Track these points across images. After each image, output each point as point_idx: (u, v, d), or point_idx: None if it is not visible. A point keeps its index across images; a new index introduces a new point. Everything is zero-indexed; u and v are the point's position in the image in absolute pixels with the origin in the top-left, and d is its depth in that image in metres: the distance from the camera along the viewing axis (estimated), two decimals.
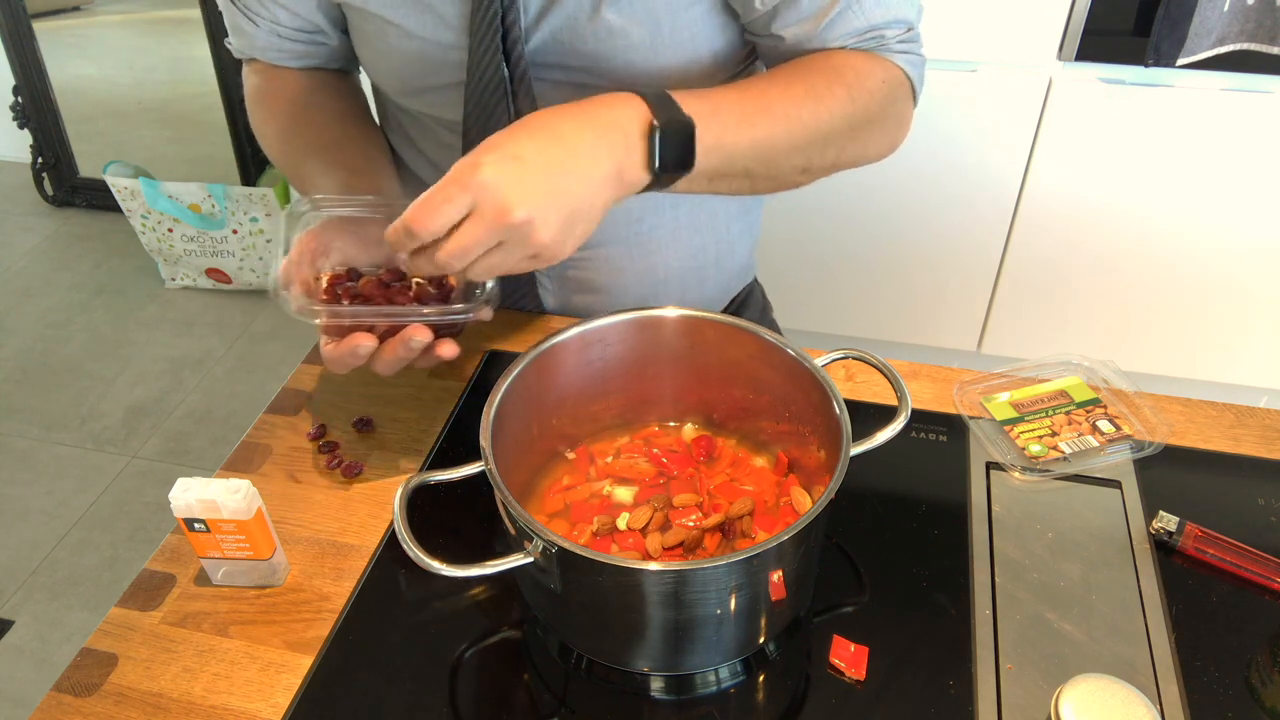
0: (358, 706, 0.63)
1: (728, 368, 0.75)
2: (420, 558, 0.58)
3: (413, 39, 0.82)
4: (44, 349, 2.33)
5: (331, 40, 0.91)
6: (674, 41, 0.80)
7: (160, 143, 2.83)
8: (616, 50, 0.80)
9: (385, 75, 0.88)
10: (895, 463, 0.78)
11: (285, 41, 0.90)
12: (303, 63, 0.93)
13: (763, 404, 0.75)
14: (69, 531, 1.86)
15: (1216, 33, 1.50)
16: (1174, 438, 0.80)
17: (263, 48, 0.91)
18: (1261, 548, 0.70)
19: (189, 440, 2.07)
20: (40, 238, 2.71)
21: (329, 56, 0.94)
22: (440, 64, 0.83)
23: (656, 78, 0.82)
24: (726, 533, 0.69)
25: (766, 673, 0.65)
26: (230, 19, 0.91)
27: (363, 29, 0.85)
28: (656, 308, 0.74)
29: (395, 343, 0.72)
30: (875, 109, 0.79)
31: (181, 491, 0.66)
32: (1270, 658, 0.64)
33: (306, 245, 0.76)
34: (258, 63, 0.94)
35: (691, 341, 0.75)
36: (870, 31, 0.79)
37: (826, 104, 0.75)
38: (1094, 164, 1.70)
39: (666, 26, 0.79)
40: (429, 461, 0.81)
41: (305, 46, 0.91)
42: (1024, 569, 0.70)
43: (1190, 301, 1.82)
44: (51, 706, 0.65)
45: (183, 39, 2.61)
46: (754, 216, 1.06)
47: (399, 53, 0.83)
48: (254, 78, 0.94)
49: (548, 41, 0.80)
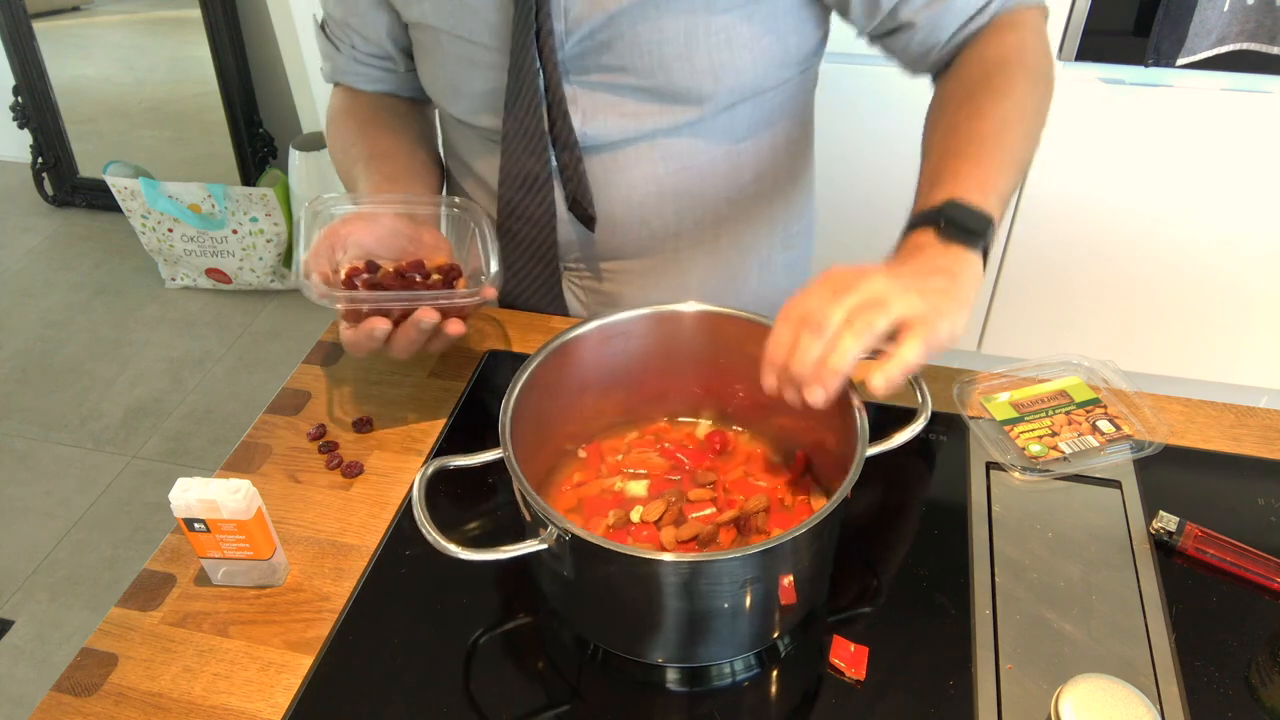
0: (358, 706, 0.64)
1: (744, 363, 0.74)
2: (439, 541, 0.59)
3: (461, 43, 0.88)
4: (44, 349, 2.33)
5: (399, 67, 1.00)
6: (709, 43, 0.83)
7: (160, 143, 2.83)
8: (652, 52, 0.83)
9: (440, 85, 0.94)
10: (896, 462, 0.78)
11: (361, 66, 1.00)
12: (377, 87, 1.02)
13: (779, 400, 0.74)
14: (69, 531, 1.86)
15: (1216, 33, 1.50)
16: (1174, 438, 0.80)
17: (344, 71, 1.01)
18: (1261, 548, 0.70)
19: (189, 440, 2.07)
20: (40, 238, 2.71)
21: (399, 83, 1.02)
22: (486, 68, 0.88)
23: (692, 79, 0.85)
24: (741, 529, 0.70)
25: (780, 668, 0.65)
26: (322, 46, 1.02)
27: (422, 41, 0.93)
28: (674, 303, 0.75)
29: (406, 325, 0.77)
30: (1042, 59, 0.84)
31: (181, 491, 0.66)
32: (1270, 658, 0.64)
33: (326, 239, 0.81)
34: (342, 86, 1.04)
35: (710, 339, 0.76)
36: None
37: (1014, 95, 0.79)
38: (1094, 164, 1.70)
39: (701, 29, 0.82)
40: (429, 462, 0.81)
41: (378, 71, 1.01)
42: (1024, 569, 0.70)
43: (1190, 301, 1.82)
44: (51, 706, 0.65)
45: (183, 39, 2.61)
46: (801, 253, 1.07)
47: (452, 58, 0.90)
48: (336, 98, 1.04)
49: (587, 46, 0.84)
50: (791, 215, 1.03)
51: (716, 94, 0.86)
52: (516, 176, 0.92)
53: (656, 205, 0.93)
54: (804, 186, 1.04)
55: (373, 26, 0.95)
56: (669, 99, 0.86)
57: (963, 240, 0.68)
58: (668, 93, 0.85)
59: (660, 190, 0.92)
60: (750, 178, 0.95)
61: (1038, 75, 0.82)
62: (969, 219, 0.68)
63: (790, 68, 0.89)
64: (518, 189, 0.93)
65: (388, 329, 0.77)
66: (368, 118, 1.00)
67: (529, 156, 0.90)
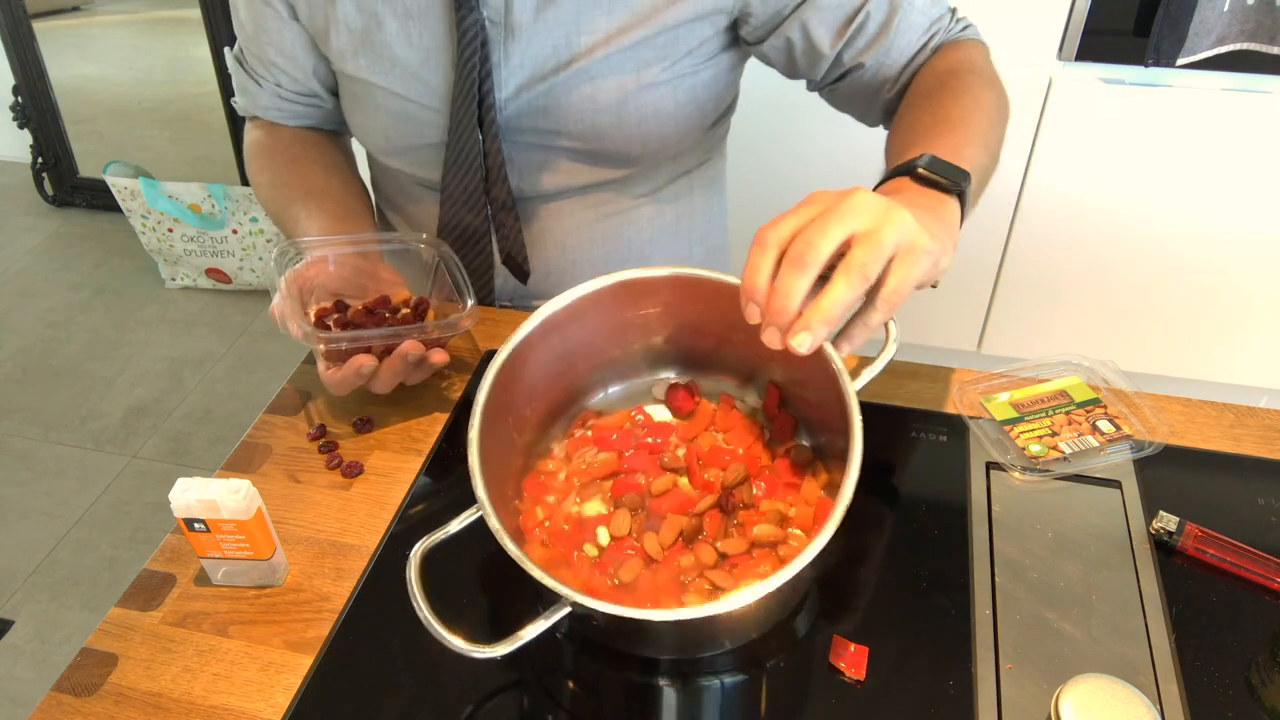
0: (358, 706, 0.63)
1: (689, 313, 0.72)
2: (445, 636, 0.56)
3: (401, 102, 0.90)
4: (44, 349, 2.33)
5: (326, 104, 1.01)
6: (638, 115, 0.88)
7: (160, 143, 2.83)
8: (585, 120, 0.88)
9: (373, 135, 0.96)
10: (895, 462, 0.78)
11: (285, 103, 1.00)
12: (300, 122, 1.03)
13: (740, 338, 0.71)
14: (69, 531, 1.86)
15: (1216, 33, 1.50)
16: (1174, 438, 0.80)
17: (265, 107, 1.01)
18: (1261, 548, 0.70)
19: (189, 440, 2.07)
20: (40, 238, 2.71)
21: (323, 118, 1.03)
22: (424, 125, 0.91)
23: (622, 145, 0.90)
24: (726, 508, 0.68)
25: (779, 668, 0.65)
26: (238, 80, 1.01)
27: (352, 92, 0.94)
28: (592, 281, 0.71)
29: (393, 359, 0.79)
30: (993, 73, 0.86)
31: (181, 491, 0.66)
32: (1270, 658, 0.64)
33: (293, 283, 0.83)
34: (260, 120, 1.03)
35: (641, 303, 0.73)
36: (930, 27, 0.86)
37: (971, 92, 0.80)
38: (1094, 164, 1.70)
39: (631, 103, 0.87)
40: (429, 462, 0.81)
41: (303, 108, 1.01)
42: (1024, 569, 0.70)
43: (1190, 301, 1.82)
44: (51, 706, 0.65)
45: (183, 39, 2.61)
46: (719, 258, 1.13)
47: (386, 113, 0.92)
48: (255, 132, 1.03)
49: (522, 110, 0.89)
50: (711, 230, 1.09)
51: (644, 157, 0.92)
52: (454, 229, 0.97)
53: (588, 248, 1.00)
54: (718, 205, 1.10)
55: (300, 68, 0.96)
56: (601, 161, 0.92)
57: (940, 189, 0.67)
58: (600, 155, 0.91)
59: (592, 235, 0.99)
60: (672, 216, 1.02)
61: (991, 81, 0.84)
62: (946, 170, 0.68)
63: (709, 128, 0.96)
64: (455, 240, 0.98)
65: (374, 365, 0.79)
66: (296, 153, 1.00)
67: (468, 212, 0.95)
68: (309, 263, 0.86)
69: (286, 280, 0.82)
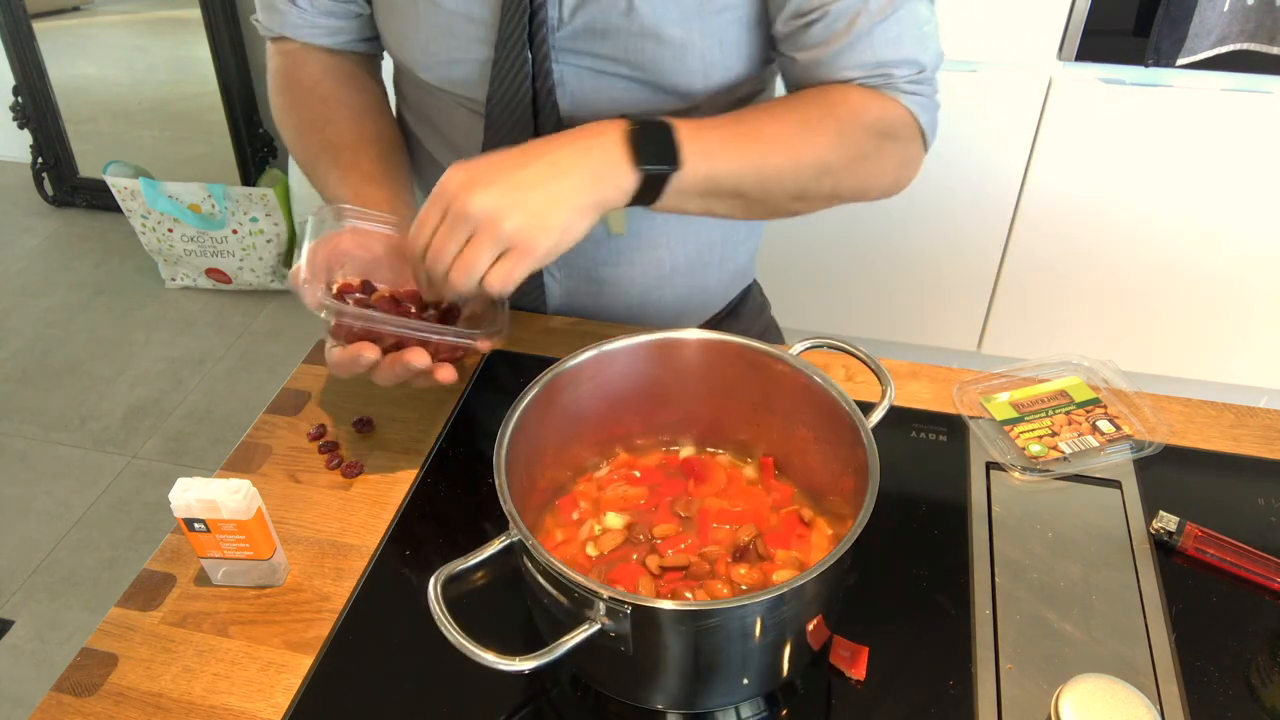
0: (358, 706, 0.64)
1: (708, 381, 0.72)
2: (475, 652, 0.53)
3: (441, 12, 0.83)
4: (44, 349, 2.33)
5: (365, 10, 0.92)
6: (704, 44, 0.82)
7: (160, 143, 2.83)
8: (647, 47, 0.81)
9: (411, 49, 0.88)
10: (895, 463, 0.78)
11: (319, 15, 0.91)
12: (332, 39, 0.94)
13: (743, 408, 0.72)
14: (69, 531, 1.86)
15: (1216, 33, 1.50)
16: (1174, 438, 0.80)
17: (294, 24, 0.92)
18: (1261, 548, 0.70)
19: (189, 440, 2.07)
20: (40, 238, 2.71)
21: (358, 32, 0.94)
22: (469, 39, 0.84)
23: (683, 77, 0.83)
24: (743, 559, 0.67)
25: (789, 708, 0.63)
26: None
27: (393, 2, 0.86)
28: (619, 337, 0.71)
29: (395, 359, 0.73)
30: (869, 146, 0.79)
31: (181, 491, 0.66)
32: (1270, 658, 0.64)
33: (323, 249, 0.78)
34: (285, 42, 0.95)
35: (664, 365, 0.72)
36: (879, 68, 0.79)
37: (817, 136, 0.77)
38: (1094, 164, 1.70)
39: (697, 29, 0.81)
40: (429, 462, 0.81)
41: (337, 21, 0.92)
42: (1024, 569, 0.70)
43: (1190, 301, 1.82)
44: (51, 706, 0.65)
45: (183, 39, 2.61)
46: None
47: (429, 24, 0.84)
48: (278, 59, 0.95)
49: (580, 30, 0.81)
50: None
51: (706, 91, 0.86)
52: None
53: None
54: None
55: None
56: (659, 91, 0.85)
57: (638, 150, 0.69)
58: (658, 86, 0.85)
59: None
60: None
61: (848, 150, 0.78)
62: (663, 137, 0.69)
63: (766, 64, 0.89)
64: None
65: (375, 359, 0.73)
66: (325, 92, 0.92)
67: (512, 137, 0.87)
68: (346, 233, 0.80)
69: (317, 244, 0.76)
